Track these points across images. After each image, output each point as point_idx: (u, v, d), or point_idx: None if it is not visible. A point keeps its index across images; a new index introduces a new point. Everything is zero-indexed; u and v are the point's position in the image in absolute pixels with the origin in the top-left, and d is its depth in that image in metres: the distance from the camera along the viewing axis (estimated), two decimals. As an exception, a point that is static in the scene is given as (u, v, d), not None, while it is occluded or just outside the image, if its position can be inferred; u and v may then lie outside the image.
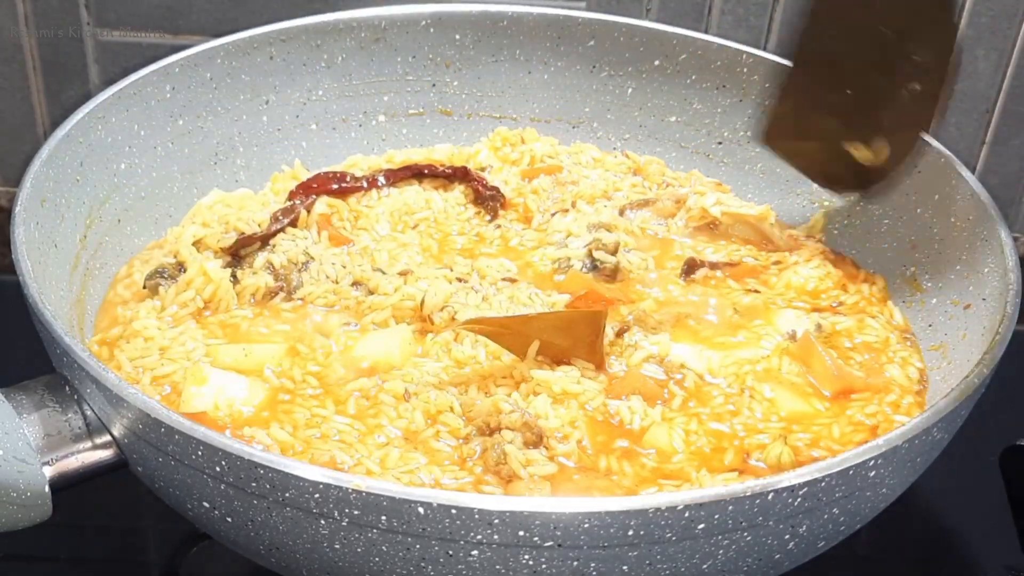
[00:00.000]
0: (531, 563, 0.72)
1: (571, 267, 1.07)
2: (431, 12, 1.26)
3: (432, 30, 1.27)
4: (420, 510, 0.69)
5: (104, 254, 1.06)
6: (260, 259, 1.05)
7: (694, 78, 1.26)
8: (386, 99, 1.29)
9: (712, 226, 1.16)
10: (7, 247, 0.89)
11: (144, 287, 1.03)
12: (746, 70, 1.23)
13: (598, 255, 1.08)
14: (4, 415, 0.81)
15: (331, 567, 0.76)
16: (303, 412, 0.91)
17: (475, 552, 0.71)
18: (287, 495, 0.72)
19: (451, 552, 0.72)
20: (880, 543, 1.05)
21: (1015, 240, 0.99)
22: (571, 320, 0.97)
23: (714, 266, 1.09)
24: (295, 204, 1.12)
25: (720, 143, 1.27)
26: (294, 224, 1.09)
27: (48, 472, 0.81)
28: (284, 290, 1.03)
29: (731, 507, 0.71)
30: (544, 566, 0.72)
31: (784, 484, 0.72)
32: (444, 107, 1.31)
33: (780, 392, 0.95)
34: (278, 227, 1.08)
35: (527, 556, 0.72)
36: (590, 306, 1.02)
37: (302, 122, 1.26)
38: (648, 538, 0.71)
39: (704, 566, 0.75)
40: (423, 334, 0.99)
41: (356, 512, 0.71)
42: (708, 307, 1.05)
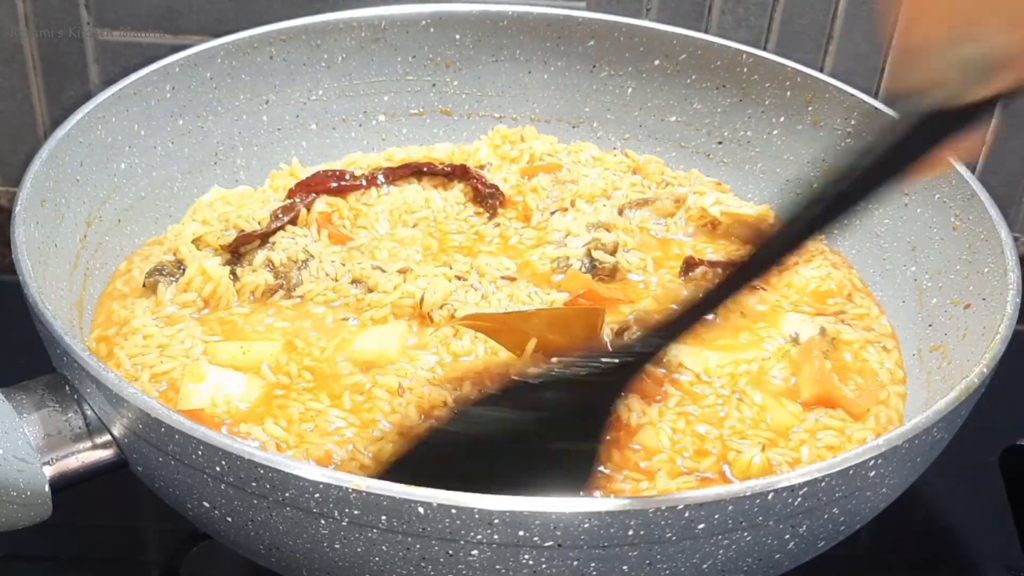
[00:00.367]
0: (531, 563, 0.72)
1: (570, 266, 1.07)
2: (431, 12, 1.26)
3: (432, 30, 1.27)
4: (420, 510, 0.69)
5: (104, 254, 1.06)
6: (260, 257, 1.05)
7: (694, 78, 1.26)
8: (386, 99, 1.29)
9: (711, 226, 1.16)
10: (7, 247, 0.89)
11: (144, 285, 1.03)
12: (746, 70, 1.23)
13: (597, 255, 1.08)
14: (4, 415, 0.81)
15: (331, 567, 0.76)
16: (297, 406, 0.91)
17: (475, 552, 0.71)
18: (287, 495, 0.72)
19: (451, 552, 0.72)
20: (880, 543, 1.05)
21: (1015, 240, 0.99)
22: (569, 317, 0.97)
23: (713, 265, 1.09)
24: (295, 202, 1.12)
25: (720, 143, 1.27)
26: (294, 222, 1.09)
27: (48, 472, 0.81)
28: (284, 288, 1.03)
29: (731, 507, 0.71)
30: (544, 566, 0.72)
31: (784, 484, 0.72)
32: (444, 107, 1.31)
33: (769, 399, 0.95)
34: (278, 225, 1.08)
35: (527, 556, 0.72)
36: (588, 305, 1.02)
37: (302, 122, 1.26)
38: (648, 538, 0.71)
39: (704, 566, 0.75)
40: (423, 330, 0.99)
41: (356, 512, 0.71)
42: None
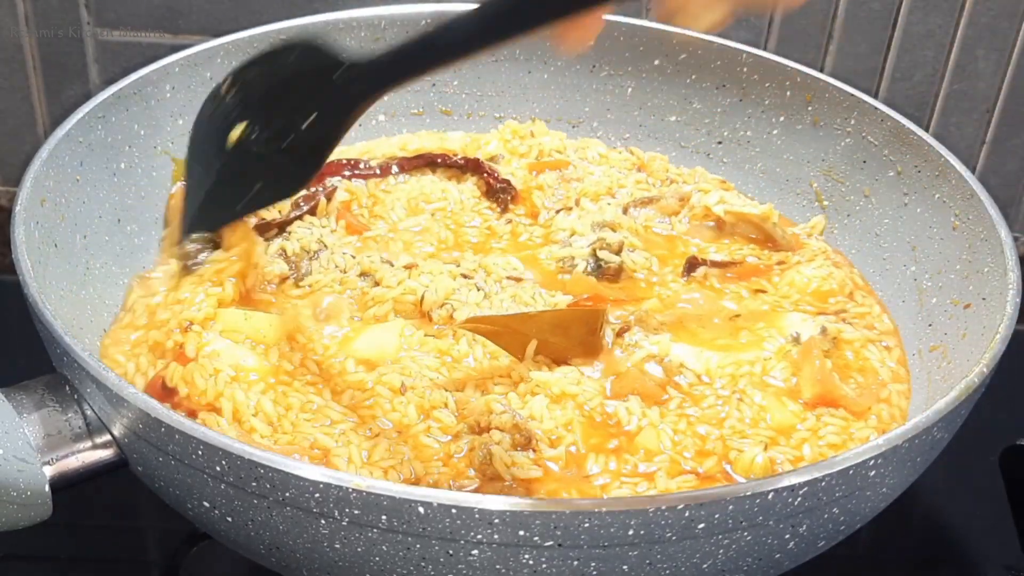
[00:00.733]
0: (531, 563, 0.72)
1: (575, 266, 1.07)
2: (431, 12, 1.26)
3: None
4: (420, 510, 0.69)
5: (104, 254, 1.06)
6: (275, 245, 1.06)
7: (694, 78, 1.26)
8: (386, 99, 1.28)
9: (716, 225, 1.16)
10: (7, 247, 0.89)
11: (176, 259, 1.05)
12: (746, 70, 1.23)
13: (602, 255, 1.08)
14: (4, 415, 0.81)
15: (331, 567, 0.76)
16: (298, 396, 0.91)
17: (475, 552, 0.71)
18: (287, 495, 0.72)
19: (451, 552, 0.72)
20: (880, 543, 1.05)
21: (1015, 240, 0.99)
22: (570, 318, 0.97)
23: (715, 264, 1.09)
24: (316, 191, 1.12)
25: (720, 143, 1.27)
26: (313, 212, 1.10)
27: (48, 472, 0.81)
28: (293, 276, 1.03)
29: (731, 507, 0.71)
30: (544, 566, 0.72)
31: (784, 484, 0.72)
32: (444, 107, 1.31)
33: (770, 399, 0.94)
34: (296, 214, 1.09)
35: (527, 556, 0.72)
36: (590, 306, 1.02)
37: (302, 122, 1.26)
38: (648, 538, 0.71)
39: (704, 565, 0.75)
40: (422, 329, 0.99)
41: (356, 512, 0.71)
42: (712, 308, 1.05)
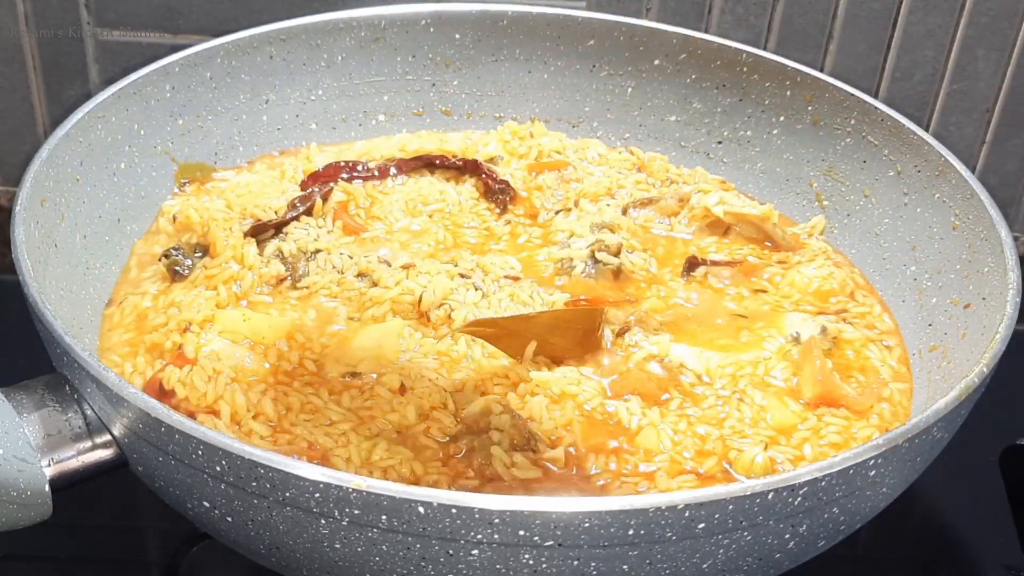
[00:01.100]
0: (531, 563, 0.72)
1: (573, 267, 1.07)
2: (431, 12, 1.26)
3: (432, 30, 1.27)
4: (420, 510, 0.69)
5: (104, 254, 1.06)
6: (272, 246, 1.05)
7: (694, 78, 1.26)
8: (386, 99, 1.29)
9: (715, 225, 1.16)
10: (7, 247, 0.89)
11: (160, 262, 1.05)
12: (746, 70, 1.23)
13: (601, 256, 1.07)
14: (4, 415, 0.81)
15: (331, 567, 0.76)
16: (298, 397, 0.91)
17: (475, 551, 0.71)
18: (287, 495, 0.72)
19: (451, 552, 0.72)
20: (880, 543, 1.05)
21: (1015, 240, 0.99)
22: (569, 319, 0.97)
23: (715, 264, 1.09)
24: (312, 192, 1.12)
25: (720, 143, 1.27)
26: (310, 212, 1.10)
27: (48, 472, 0.81)
28: (291, 277, 1.03)
29: (731, 507, 0.71)
30: (544, 565, 0.72)
31: (784, 484, 0.72)
32: (444, 107, 1.31)
33: (770, 399, 0.94)
34: (293, 215, 1.09)
35: (527, 555, 0.72)
36: (589, 305, 1.02)
37: (302, 122, 1.26)
38: (648, 537, 0.71)
39: (704, 565, 0.75)
40: (421, 329, 0.99)
41: (356, 512, 0.71)
42: (712, 308, 1.05)
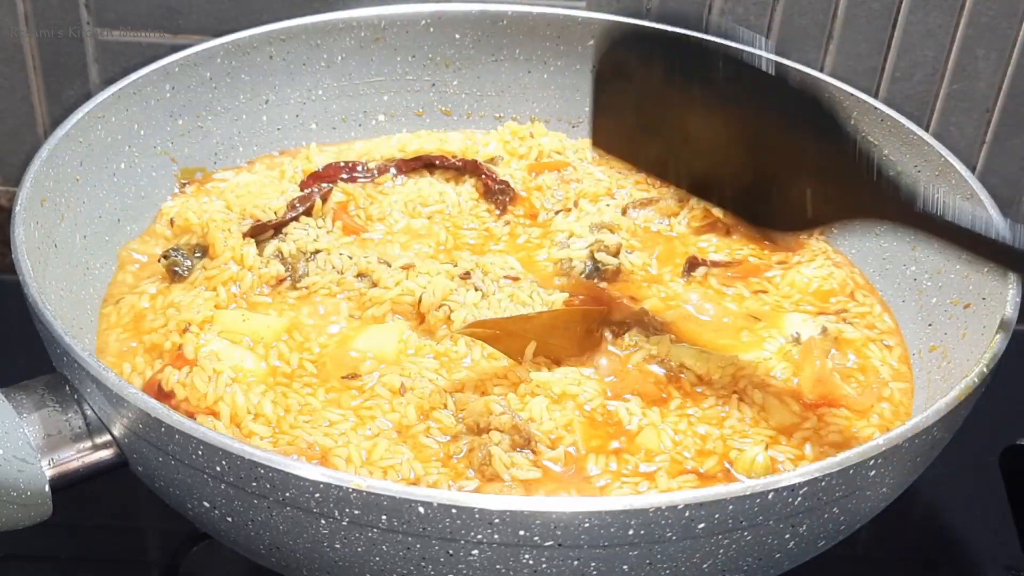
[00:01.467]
0: (531, 563, 0.72)
1: (572, 267, 1.07)
2: (431, 12, 1.26)
3: (432, 30, 1.27)
4: (420, 510, 0.69)
5: (104, 254, 1.06)
6: (271, 247, 1.05)
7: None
8: (386, 99, 1.29)
9: (715, 225, 1.15)
10: (7, 247, 0.89)
11: (159, 262, 1.04)
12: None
13: (600, 257, 1.07)
14: (4, 415, 0.81)
15: (331, 567, 0.76)
16: (297, 397, 0.91)
17: (475, 552, 0.71)
18: (287, 495, 0.72)
19: (451, 552, 0.72)
20: (880, 543, 1.05)
21: (1015, 240, 0.99)
22: (569, 319, 0.97)
23: (715, 264, 1.09)
24: (311, 192, 1.12)
25: (720, 143, 1.27)
26: (309, 213, 1.10)
27: (48, 472, 0.81)
28: (290, 278, 1.03)
29: (731, 507, 0.71)
30: (544, 565, 0.72)
31: (784, 484, 0.72)
32: (444, 107, 1.31)
33: (770, 399, 0.94)
34: (292, 215, 1.08)
35: (527, 556, 0.72)
36: (589, 305, 1.02)
37: (302, 122, 1.26)
38: (648, 537, 0.71)
39: (704, 565, 0.75)
40: (421, 330, 0.99)
41: (356, 512, 0.71)
42: (712, 308, 1.05)
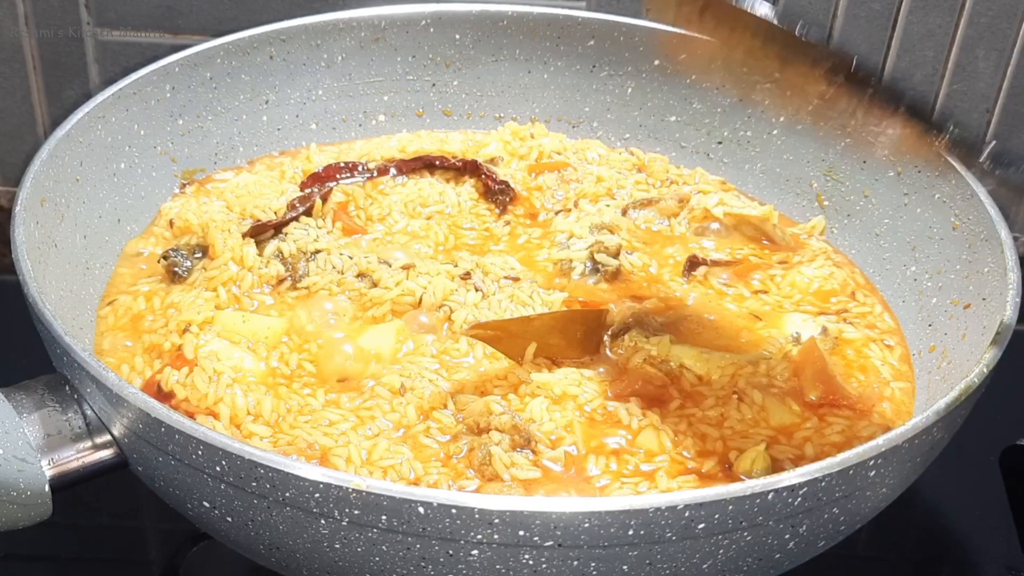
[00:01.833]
0: (531, 563, 0.72)
1: (572, 268, 1.07)
2: (431, 12, 1.26)
3: (432, 30, 1.27)
4: (420, 510, 0.69)
5: (104, 254, 1.06)
6: (271, 247, 1.05)
7: (694, 78, 1.26)
8: (386, 99, 1.29)
9: (715, 225, 1.15)
10: (7, 247, 0.90)
11: (159, 263, 1.04)
12: (746, 70, 1.23)
13: (600, 257, 1.07)
14: (4, 415, 0.81)
15: (331, 567, 0.76)
16: (297, 398, 0.91)
17: (475, 552, 0.71)
18: (287, 495, 0.72)
19: (451, 552, 0.72)
20: (880, 543, 1.05)
21: (1015, 240, 0.99)
22: (569, 319, 0.97)
23: (716, 264, 1.09)
24: (311, 192, 1.12)
25: (720, 143, 1.27)
26: (309, 213, 1.10)
27: (48, 472, 0.81)
28: (291, 278, 1.03)
29: (731, 507, 0.71)
30: (544, 566, 0.72)
31: (784, 484, 0.72)
32: (444, 107, 1.31)
33: (770, 400, 0.94)
34: (292, 215, 1.08)
35: (527, 556, 0.72)
36: (588, 305, 1.02)
37: (302, 122, 1.26)
38: (648, 538, 0.71)
39: (704, 566, 0.75)
40: (421, 331, 0.99)
41: (356, 512, 0.71)
42: (712, 308, 1.05)
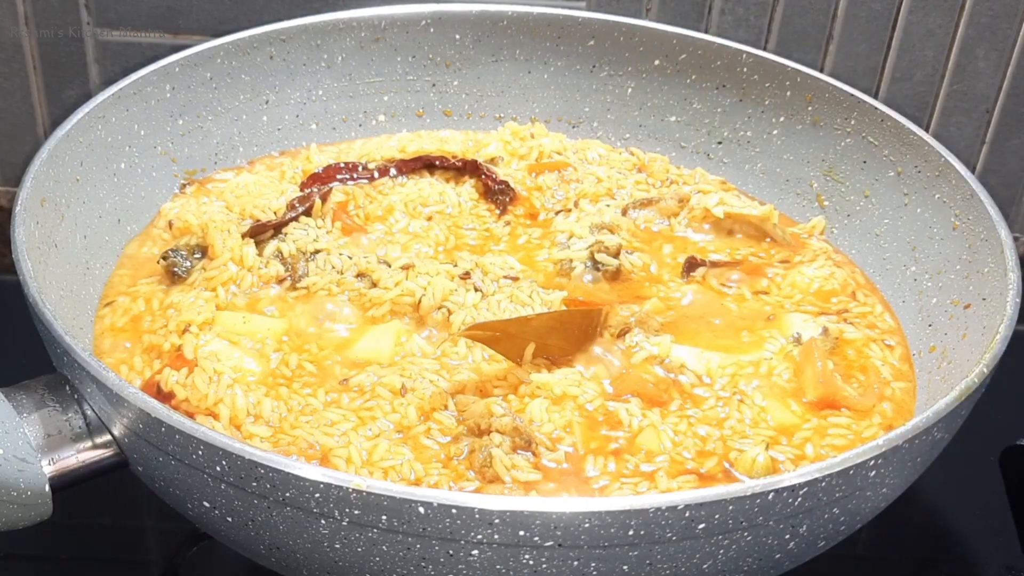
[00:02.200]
0: (531, 563, 0.72)
1: (572, 268, 1.07)
2: (431, 12, 1.26)
3: (432, 30, 1.27)
4: (420, 510, 0.69)
5: (104, 254, 1.06)
6: (271, 247, 1.05)
7: (694, 78, 1.26)
8: (386, 99, 1.29)
9: (716, 225, 1.15)
10: (7, 247, 0.89)
11: (158, 263, 1.04)
12: (746, 70, 1.23)
13: (600, 257, 1.07)
14: (4, 415, 0.81)
15: (331, 567, 0.76)
16: (298, 398, 0.91)
17: (475, 552, 0.71)
18: (287, 495, 0.72)
19: (451, 552, 0.72)
20: (880, 543, 1.05)
21: (1015, 240, 0.99)
22: (567, 319, 0.97)
23: (715, 264, 1.09)
24: (311, 192, 1.12)
25: (720, 143, 1.27)
26: (308, 213, 1.10)
27: (48, 472, 0.81)
28: (290, 278, 1.03)
29: (731, 507, 0.71)
30: (544, 566, 0.72)
31: (784, 484, 0.72)
32: (444, 107, 1.31)
33: (771, 400, 0.94)
34: (292, 215, 1.08)
35: (527, 556, 0.72)
36: (588, 305, 1.02)
37: (302, 122, 1.26)
38: (648, 538, 0.71)
39: (704, 566, 0.75)
40: (420, 331, 0.99)
41: (356, 512, 0.71)
42: (713, 308, 1.05)
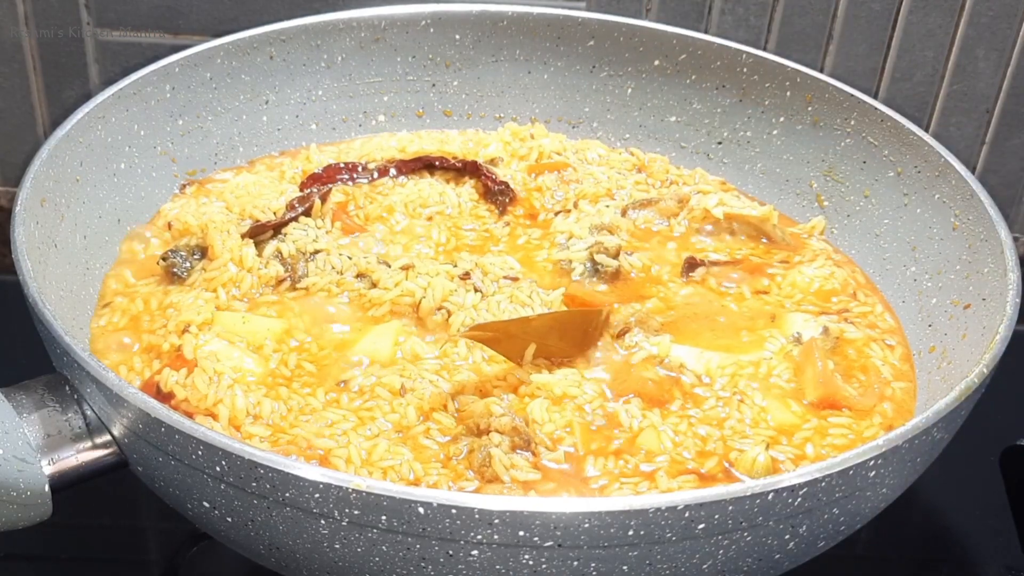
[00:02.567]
0: (531, 563, 0.72)
1: (572, 268, 1.07)
2: (431, 12, 1.26)
3: (432, 30, 1.27)
4: (420, 510, 0.69)
5: (104, 254, 1.06)
6: (270, 247, 1.05)
7: (694, 78, 1.26)
8: (386, 99, 1.29)
9: (716, 226, 1.15)
10: (7, 247, 0.90)
11: (158, 263, 1.04)
12: (746, 70, 1.23)
13: (599, 258, 1.07)
14: (4, 415, 0.81)
15: (331, 567, 0.76)
16: (297, 398, 0.91)
17: (475, 552, 0.71)
18: (287, 495, 0.72)
19: (451, 552, 0.72)
20: (880, 543, 1.05)
21: (1015, 240, 0.99)
22: (569, 320, 0.97)
23: (715, 264, 1.09)
24: (310, 193, 1.12)
25: (720, 143, 1.27)
26: (308, 213, 1.09)
27: (48, 472, 0.81)
28: (290, 278, 1.03)
29: (731, 507, 0.71)
30: (544, 566, 0.72)
31: (784, 484, 0.72)
32: (444, 107, 1.31)
33: (771, 400, 0.94)
34: (292, 216, 1.08)
35: (527, 556, 0.72)
36: (587, 305, 1.02)
37: (302, 122, 1.26)
38: (648, 538, 0.71)
39: (704, 566, 0.75)
40: (420, 332, 0.99)
41: (356, 512, 0.71)
42: (712, 308, 1.05)
